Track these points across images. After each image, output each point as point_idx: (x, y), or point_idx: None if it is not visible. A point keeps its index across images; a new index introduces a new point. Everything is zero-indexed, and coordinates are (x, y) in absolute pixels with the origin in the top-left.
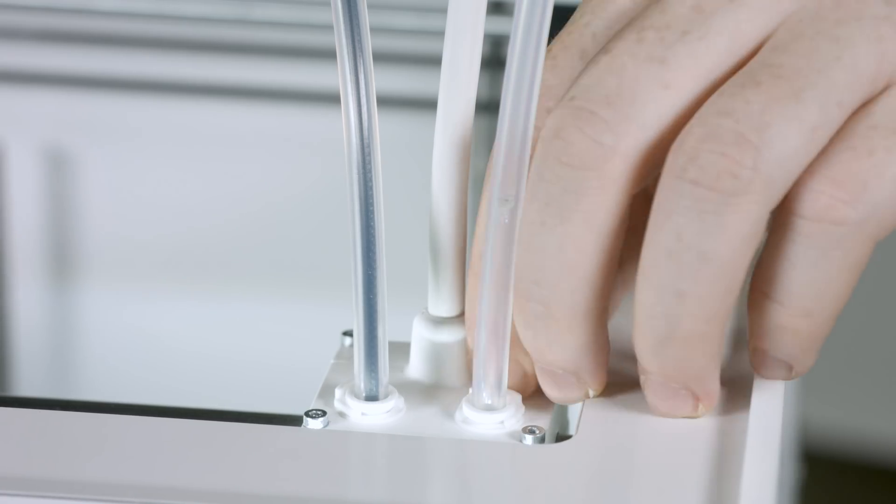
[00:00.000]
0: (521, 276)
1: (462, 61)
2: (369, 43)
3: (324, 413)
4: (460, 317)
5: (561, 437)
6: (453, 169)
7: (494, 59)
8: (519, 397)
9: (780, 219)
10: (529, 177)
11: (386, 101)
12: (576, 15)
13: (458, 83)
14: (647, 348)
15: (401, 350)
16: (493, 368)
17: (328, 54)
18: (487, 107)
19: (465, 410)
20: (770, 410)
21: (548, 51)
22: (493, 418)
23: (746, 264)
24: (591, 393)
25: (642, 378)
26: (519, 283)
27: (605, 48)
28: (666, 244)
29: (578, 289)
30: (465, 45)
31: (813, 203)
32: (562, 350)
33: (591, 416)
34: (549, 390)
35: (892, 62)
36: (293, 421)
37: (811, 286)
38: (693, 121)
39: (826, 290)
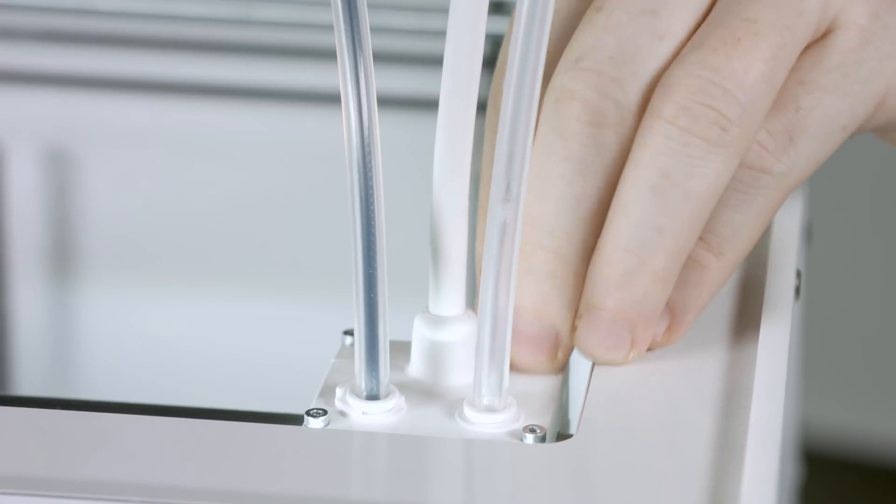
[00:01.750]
0: (535, 226)
1: (463, 61)
2: (369, 43)
3: (325, 412)
4: (461, 316)
5: (561, 436)
6: (454, 168)
7: (495, 59)
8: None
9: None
10: (541, 133)
11: (386, 101)
12: None
13: (460, 83)
14: (610, 282)
15: (401, 349)
16: (494, 368)
17: (328, 54)
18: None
19: (466, 411)
20: (770, 410)
21: None
22: (493, 418)
23: (711, 208)
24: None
25: (586, 317)
26: (531, 232)
27: (595, 4)
28: (651, 180)
29: (575, 231)
30: (467, 44)
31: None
32: (562, 298)
33: (591, 416)
34: (529, 352)
35: (834, 7)
36: (294, 420)
37: (728, 226)
38: (679, 69)
39: (740, 233)
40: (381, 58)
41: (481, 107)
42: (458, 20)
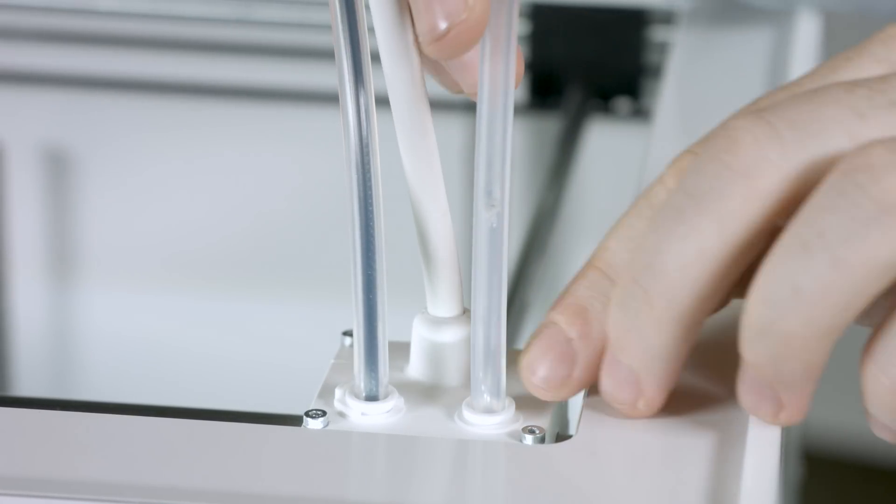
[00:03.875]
0: (639, 257)
1: (400, 60)
2: (368, 43)
3: (324, 413)
4: (460, 317)
5: (561, 437)
6: (425, 170)
7: None
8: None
9: None
10: (691, 165)
11: (386, 101)
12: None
13: (402, 77)
14: (748, 335)
15: (401, 350)
16: (489, 370)
17: (328, 54)
18: (469, 106)
19: (465, 412)
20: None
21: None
22: (492, 419)
23: (872, 292)
24: (642, 407)
25: (741, 367)
26: (633, 262)
27: (815, 89)
28: (805, 237)
29: (684, 287)
30: (402, 43)
31: None
32: (640, 342)
33: (591, 416)
34: (606, 384)
35: None
36: (293, 421)
37: None
38: (890, 139)
39: None
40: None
41: (462, 106)
42: (384, 29)
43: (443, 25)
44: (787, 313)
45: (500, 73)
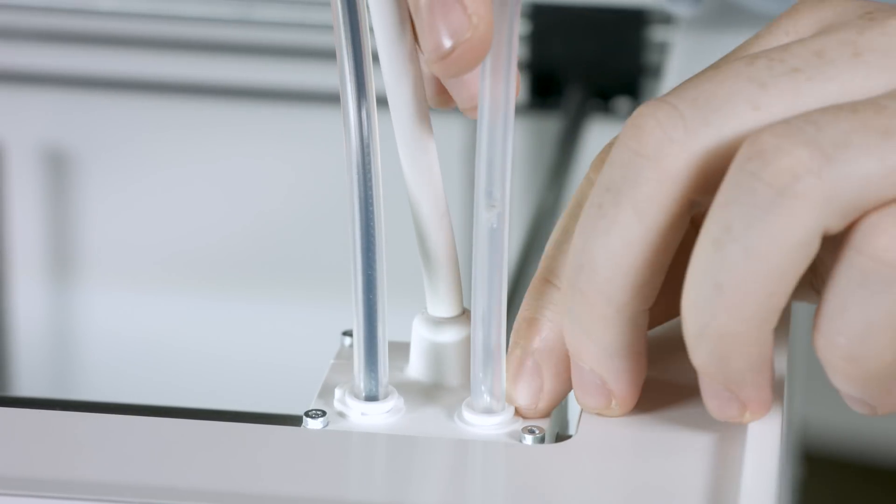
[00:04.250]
0: (571, 260)
1: (400, 62)
2: (369, 43)
3: (323, 413)
4: (459, 317)
5: (561, 437)
6: (423, 171)
7: None
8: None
9: (840, 252)
10: (607, 160)
11: (386, 101)
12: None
13: (401, 78)
14: (688, 341)
15: (401, 350)
16: (489, 371)
17: (328, 54)
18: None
19: (465, 412)
20: (770, 411)
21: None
22: (492, 419)
23: (792, 272)
24: (615, 407)
25: (698, 376)
26: (568, 267)
27: (715, 64)
28: (714, 234)
29: (617, 280)
30: (402, 46)
31: (871, 238)
32: (592, 344)
33: (590, 417)
34: (577, 393)
35: None
36: (293, 421)
37: (855, 327)
38: (775, 122)
39: (871, 336)
40: None
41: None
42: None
43: (448, 44)
44: (716, 313)
45: (501, 72)
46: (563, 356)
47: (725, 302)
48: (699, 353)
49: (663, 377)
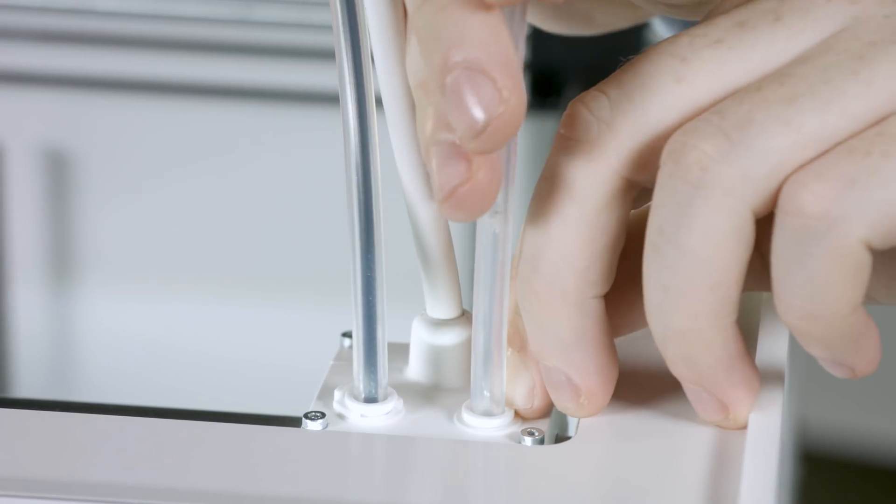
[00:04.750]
0: (517, 256)
1: (394, 63)
2: (368, 43)
3: (323, 415)
4: (459, 318)
5: (560, 437)
6: (419, 172)
7: None
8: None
9: (774, 219)
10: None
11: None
12: None
13: (396, 79)
14: (659, 348)
15: (400, 351)
16: (488, 374)
17: (328, 54)
18: None
19: (465, 414)
20: (770, 411)
21: None
22: (492, 421)
23: (731, 261)
24: (585, 402)
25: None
26: (518, 264)
27: (646, 51)
28: (651, 237)
29: (558, 264)
30: (397, 46)
31: (793, 197)
32: (547, 338)
33: (590, 418)
34: (551, 394)
35: None
36: (292, 422)
37: (804, 286)
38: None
39: (819, 290)
40: None
41: None
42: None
43: (480, 119)
44: (670, 313)
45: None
46: None
47: (674, 302)
48: (668, 355)
49: (662, 377)
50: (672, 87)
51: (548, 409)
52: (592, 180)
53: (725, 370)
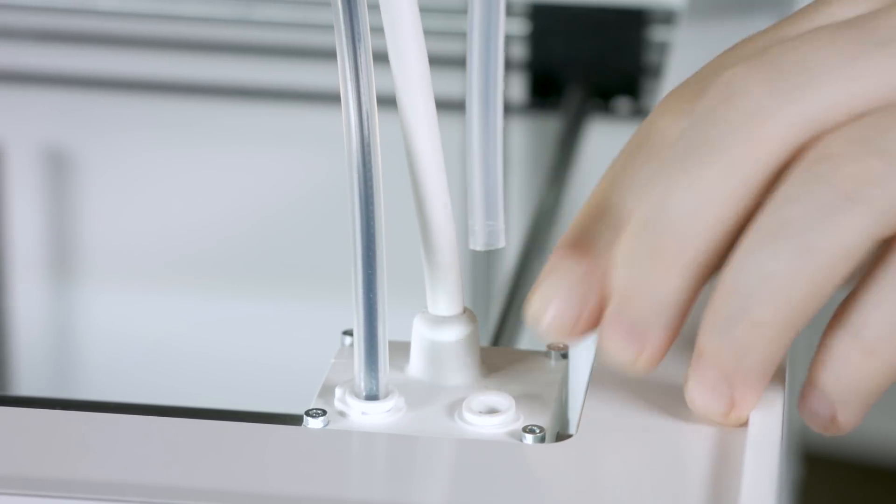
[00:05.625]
0: (644, 208)
1: (416, 69)
2: (369, 43)
3: (324, 412)
4: (460, 315)
5: (561, 436)
6: (431, 167)
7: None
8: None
9: (886, 251)
10: (691, 116)
11: (386, 101)
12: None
13: (408, 73)
14: (713, 325)
15: (401, 349)
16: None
17: (328, 54)
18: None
19: (465, 411)
20: (770, 411)
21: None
22: (492, 419)
23: (838, 277)
24: (644, 361)
25: (693, 363)
26: (638, 213)
27: (801, 35)
28: (772, 226)
29: (689, 237)
30: (413, 50)
31: None
32: (648, 294)
33: (591, 416)
34: (610, 337)
35: None
36: (293, 420)
37: (886, 323)
38: (848, 126)
39: None
40: (381, 58)
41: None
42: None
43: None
44: (757, 301)
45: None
46: (605, 290)
47: (770, 293)
48: (722, 338)
49: (662, 377)
50: (838, 90)
51: (568, 336)
52: (747, 169)
53: (763, 375)
